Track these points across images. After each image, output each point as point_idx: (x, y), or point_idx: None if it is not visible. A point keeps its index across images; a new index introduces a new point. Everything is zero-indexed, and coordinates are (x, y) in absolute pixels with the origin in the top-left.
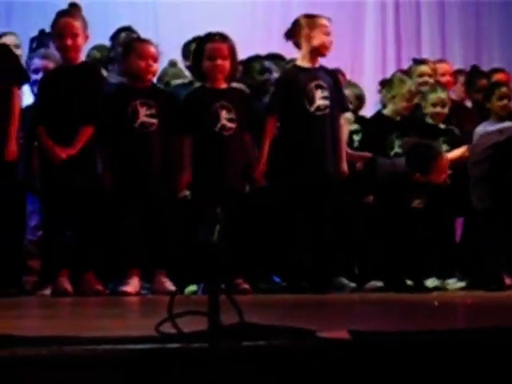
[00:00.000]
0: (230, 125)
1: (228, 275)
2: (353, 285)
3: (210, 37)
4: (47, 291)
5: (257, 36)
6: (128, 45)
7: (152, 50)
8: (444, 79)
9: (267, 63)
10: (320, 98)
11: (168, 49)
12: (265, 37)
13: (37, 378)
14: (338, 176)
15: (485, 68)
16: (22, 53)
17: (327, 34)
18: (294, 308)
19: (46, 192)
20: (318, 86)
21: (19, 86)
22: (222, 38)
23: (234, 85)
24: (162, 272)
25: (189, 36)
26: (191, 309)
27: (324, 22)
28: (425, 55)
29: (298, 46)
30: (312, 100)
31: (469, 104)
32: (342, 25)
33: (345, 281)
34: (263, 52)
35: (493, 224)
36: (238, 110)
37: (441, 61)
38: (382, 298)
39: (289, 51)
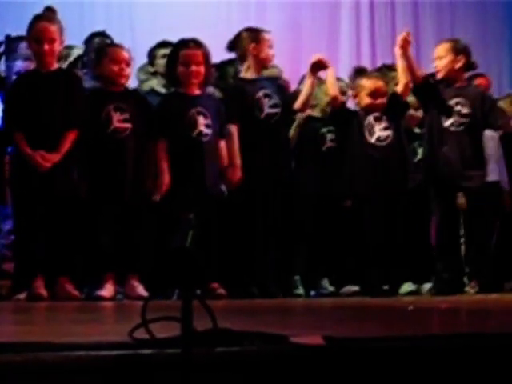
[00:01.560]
0: (206, 131)
1: (202, 280)
2: (331, 289)
3: (185, 43)
4: (22, 296)
5: (232, 32)
6: (101, 49)
7: (125, 54)
8: None
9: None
10: (268, 107)
11: (143, 53)
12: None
13: None
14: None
15: None
16: None
17: (270, 46)
18: (269, 313)
19: (18, 197)
20: (266, 95)
21: None
22: (197, 44)
23: (208, 89)
24: (135, 276)
25: (165, 38)
26: (165, 314)
27: (267, 36)
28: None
29: (241, 58)
30: (261, 109)
31: None
32: (317, 24)
33: (326, 284)
34: None
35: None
36: (213, 115)
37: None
38: (356, 302)
39: None
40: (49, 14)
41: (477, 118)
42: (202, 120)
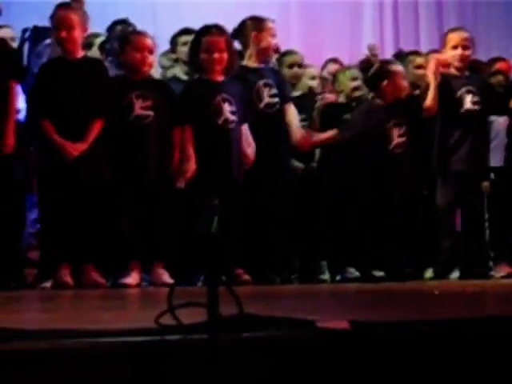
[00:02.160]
0: (232, 118)
1: (228, 266)
2: (357, 274)
3: (207, 29)
4: (48, 284)
5: None
6: (124, 37)
7: (148, 41)
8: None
9: None
10: (268, 96)
11: (165, 41)
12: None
13: (36, 372)
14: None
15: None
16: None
17: (273, 36)
18: (295, 298)
19: (44, 186)
20: (266, 85)
21: (17, 80)
22: (219, 30)
23: None
24: (160, 264)
25: (187, 25)
26: (191, 300)
27: (270, 24)
28: (422, 42)
29: (244, 46)
30: (261, 98)
31: None
32: (339, 24)
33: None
34: None
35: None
36: (237, 102)
37: (435, 51)
38: (382, 287)
39: (286, 39)
40: (71, 2)
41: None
42: (227, 107)
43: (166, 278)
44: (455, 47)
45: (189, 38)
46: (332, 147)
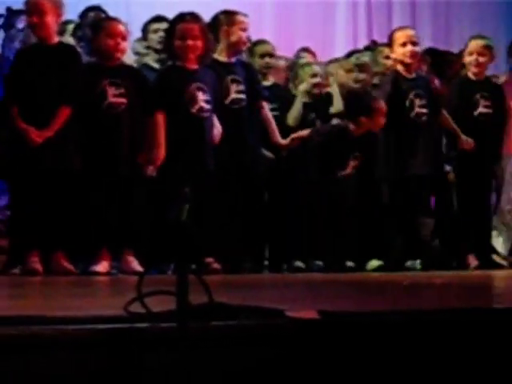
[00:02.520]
0: (206, 106)
1: (198, 255)
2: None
3: (182, 17)
4: (17, 270)
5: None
6: (97, 23)
7: (121, 28)
8: None
9: None
10: (235, 92)
11: (138, 27)
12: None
13: (4, 359)
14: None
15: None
16: None
17: (244, 30)
18: (264, 288)
19: (14, 172)
20: (234, 80)
21: None
22: (194, 18)
23: None
24: (130, 251)
25: (160, 13)
26: (160, 289)
27: (242, 18)
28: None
29: (216, 40)
30: (227, 94)
31: None
32: (313, 23)
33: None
34: None
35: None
36: (210, 91)
37: None
38: (350, 277)
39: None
40: None
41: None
42: (201, 96)
43: (136, 265)
44: (404, 44)
45: (160, 25)
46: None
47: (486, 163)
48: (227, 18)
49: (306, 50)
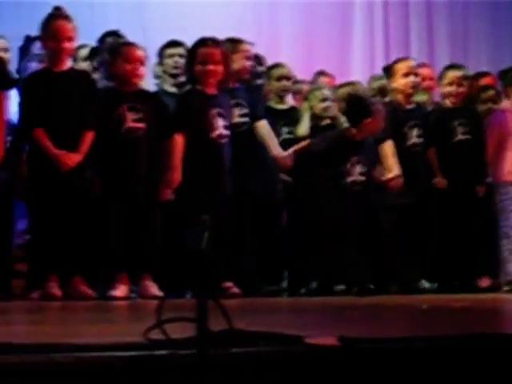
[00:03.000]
0: (225, 132)
1: (217, 281)
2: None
3: (203, 41)
4: (36, 295)
5: (245, 37)
6: (115, 49)
7: (139, 53)
8: (426, 84)
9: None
10: (237, 116)
11: (155, 52)
12: (254, 39)
13: None
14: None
15: (472, 69)
16: (12, 56)
17: (248, 58)
18: (284, 313)
19: (34, 196)
20: (237, 104)
21: (4, 89)
22: (215, 43)
23: None
24: (148, 276)
25: (176, 37)
26: (180, 314)
27: (246, 47)
28: (413, 53)
29: None
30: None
31: None
32: (329, 25)
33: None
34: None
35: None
36: (228, 116)
37: (423, 65)
38: (370, 302)
39: (275, 52)
40: (62, 12)
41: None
42: (220, 122)
43: (155, 290)
44: (406, 75)
45: (175, 50)
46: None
47: (468, 189)
48: (232, 45)
49: (322, 73)
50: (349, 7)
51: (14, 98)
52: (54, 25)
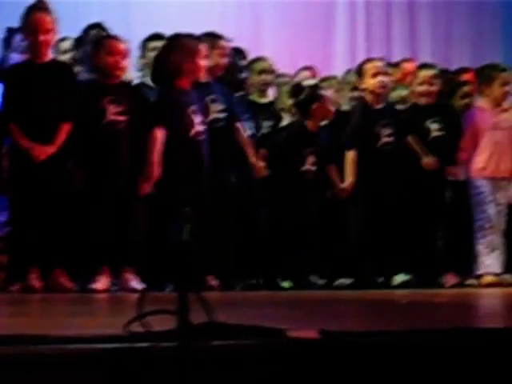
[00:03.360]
0: (201, 129)
1: (198, 274)
2: (322, 282)
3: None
4: (16, 287)
5: (228, 30)
6: (98, 41)
7: (122, 46)
8: (408, 78)
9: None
10: (215, 112)
11: (138, 45)
12: (236, 32)
13: (3, 378)
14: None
15: (455, 66)
16: None
17: (224, 55)
18: (265, 306)
19: (14, 189)
20: (213, 100)
21: None
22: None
23: None
24: (129, 269)
25: (159, 30)
26: (161, 307)
27: (223, 43)
28: (395, 55)
29: None
30: (207, 113)
31: None
32: (312, 23)
33: (315, 278)
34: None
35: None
36: (204, 111)
37: (407, 60)
38: (351, 296)
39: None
40: (42, 4)
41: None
42: (198, 118)
43: (135, 283)
44: (375, 75)
45: (157, 43)
46: None
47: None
48: (210, 40)
49: (307, 68)
50: (331, 4)
51: None
52: (33, 17)
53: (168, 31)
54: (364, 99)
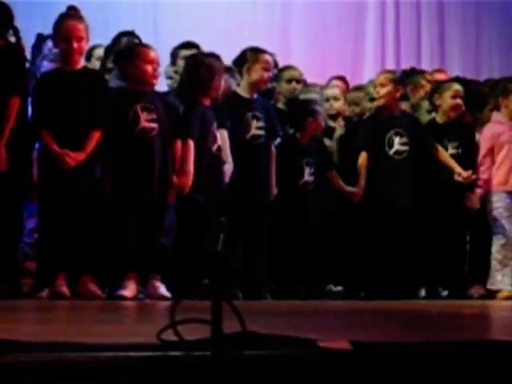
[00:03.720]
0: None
1: (231, 284)
2: (339, 289)
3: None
4: (44, 294)
5: (257, 38)
6: (131, 49)
7: (155, 54)
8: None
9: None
10: (255, 128)
11: (167, 53)
12: (265, 39)
13: None
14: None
15: (484, 76)
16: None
17: (267, 69)
18: (294, 316)
19: (43, 196)
20: (254, 117)
21: (19, 95)
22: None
23: None
24: (156, 276)
25: (189, 38)
26: (190, 316)
27: (266, 57)
28: (424, 62)
29: (241, 74)
30: (248, 129)
31: None
32: (342, 28)
33: (333, 287)
34: None
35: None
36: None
37: (438, 71)
38: (380, 306)
39: (287, 55)
40: (75, 12)
41: (412, 146)
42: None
43: (163, 290)
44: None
45: (189, 52)
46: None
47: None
48: (252, 55)
49: (338, 77)
50: (362, 7)
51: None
52: (66, 24)
53: (196, 39)
54: (379, 108)
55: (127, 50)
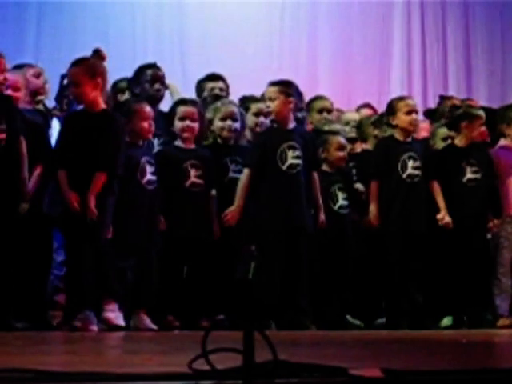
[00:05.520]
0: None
1: (262, 312)
2: (357, 322)
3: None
4: (72, 326)
5: (284, 65)
6: (128, 107)
7: (150, 110)
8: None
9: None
10: (291, 158)
11: (193, 84)
12: (292, 66)
13: None
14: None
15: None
16: (47, 81)
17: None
18: (323, 345)
19: (68, 228)
20: (290, 147)
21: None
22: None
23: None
24: (142, 310)
25: (215, 70)
26: (221, 345)
27: (291, 98)
28: (451, 89)
29: None
30: (284, 159)
31: None
32: (369, 59)
33: (351, 319)
34: None
35: None
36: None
37: (468, 99)
38: (408, 335)
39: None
40: (99, 53)
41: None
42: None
43: (149, 323)
44: (409, 112)
45: (215, 84)
46: None
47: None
48: (280, 88)
49: (366, 105)
50: (388, 45)
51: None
52: (68, 71)
53: (222, 70)
54: (393, 135)
55: (123, 107)
